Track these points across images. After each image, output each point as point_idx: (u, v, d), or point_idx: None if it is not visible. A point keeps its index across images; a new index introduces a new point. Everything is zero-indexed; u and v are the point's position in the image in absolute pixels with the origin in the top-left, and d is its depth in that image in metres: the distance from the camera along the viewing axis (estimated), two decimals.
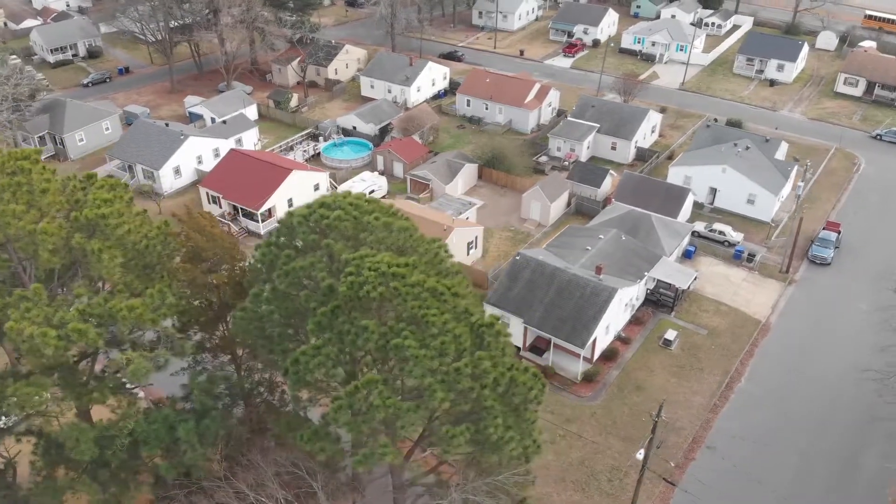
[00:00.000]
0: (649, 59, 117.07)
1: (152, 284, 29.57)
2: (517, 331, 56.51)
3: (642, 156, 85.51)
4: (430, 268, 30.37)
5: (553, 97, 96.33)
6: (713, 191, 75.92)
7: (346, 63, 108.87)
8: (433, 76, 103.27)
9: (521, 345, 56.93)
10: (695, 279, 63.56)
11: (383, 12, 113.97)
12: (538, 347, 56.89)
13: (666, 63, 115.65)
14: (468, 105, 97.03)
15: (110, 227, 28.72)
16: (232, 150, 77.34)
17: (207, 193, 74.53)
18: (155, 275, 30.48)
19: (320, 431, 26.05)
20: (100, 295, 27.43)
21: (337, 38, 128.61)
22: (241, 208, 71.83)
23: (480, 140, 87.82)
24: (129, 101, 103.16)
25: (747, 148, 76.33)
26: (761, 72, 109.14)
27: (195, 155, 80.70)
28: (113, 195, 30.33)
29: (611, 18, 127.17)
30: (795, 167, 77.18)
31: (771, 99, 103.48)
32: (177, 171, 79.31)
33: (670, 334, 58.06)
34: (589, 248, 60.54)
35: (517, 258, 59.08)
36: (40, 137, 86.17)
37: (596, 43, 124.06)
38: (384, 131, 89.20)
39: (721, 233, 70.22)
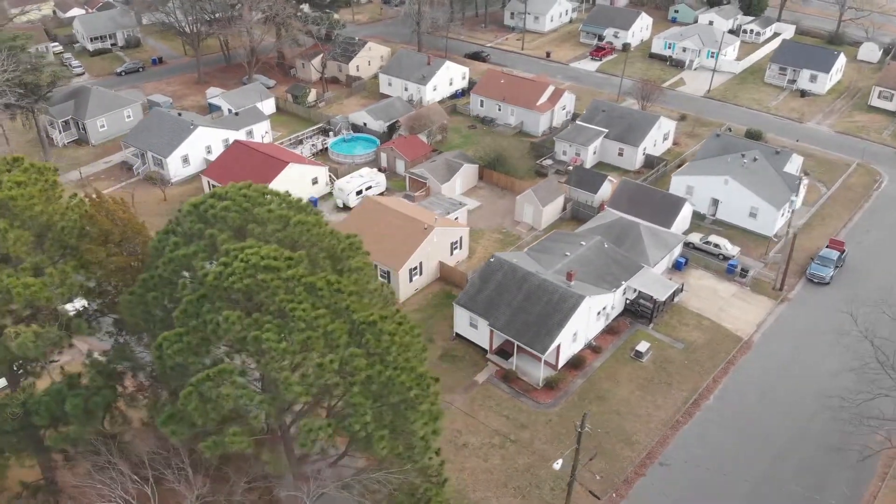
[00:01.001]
0: (679, 65, 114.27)
1: (65, 264, 30.62)
2: (483, 333, 56.15)
3: (651, 163, 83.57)
4: (334, 263, 30.49)
5: (568, 100, 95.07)
6: (715, 202, 73.65)
7: (368, 60, 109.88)
8: (451, 76, 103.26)
9: (487, 347, 56.60)
10: (676, 291, 61.85)
11: (408, 10, 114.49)
12: (506, 351, 56.31)
13: (695, 70, 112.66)
14: (482, 106, 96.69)
15: (19, 207, 29.81)
16: (235, 141, 79.21)
17: (209, 182, 76.47)
18: (69, 256, 31.54)
19: (175, 415, 26.55)
20: (3, 272, 28.57)
21: (369, 35, 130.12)
22: None
23: (488, 141, 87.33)
24: (157, 90, 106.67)
25: (755, 159, 73.71)
26: (793, 82, 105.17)
27: (204, 145, 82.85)
28: (28, 177, 31.42)
29: (643, 23, 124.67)
30: (805, 181, 74.09)
31: (799, 110, 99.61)
32: (185, 160, 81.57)
33: (642, 346, 56.63)
34: (568, 253, 59.60)
35: (491, 260, 58.61)
36: (64, 122, 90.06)
37: (626, 47, 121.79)
38: (392, 129, 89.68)
39: (716, 245, 68.05)
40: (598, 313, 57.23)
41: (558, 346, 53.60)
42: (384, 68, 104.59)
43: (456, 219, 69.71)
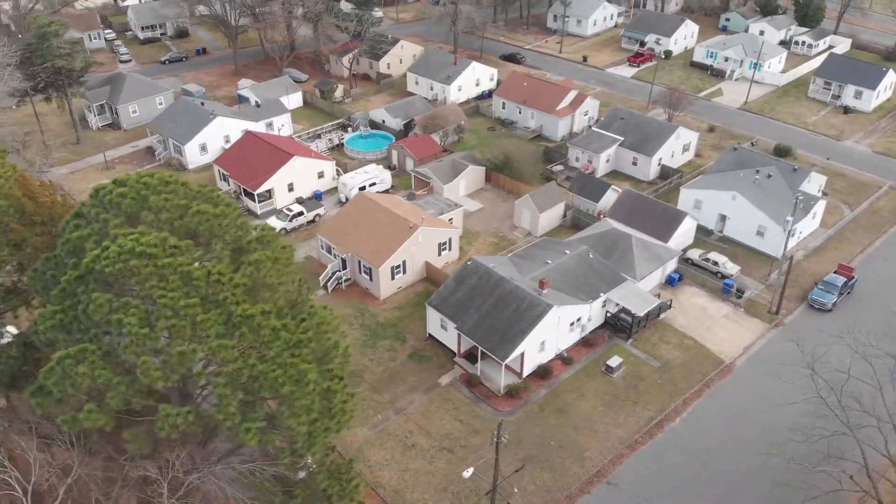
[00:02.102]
0: (719, 74, 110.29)
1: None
2: (452, 336, 55.73)
3: (666, 174, 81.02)
4: (235, 255, 30.88)
5: (591, 106, 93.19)
6: (723, 218, 70.80)
7: (399, 58, 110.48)
8: (477, 77, 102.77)
9: (455, 350, 56.15)
10: (663, 307, 59.87)
11: (442, 10, 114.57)
12: (474, 355, 55.67)
13: (736, 80, 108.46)
14: (503, 108, 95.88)
15: None
16: (247, 132, 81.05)
17: (219, 171, 78.58)
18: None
19: (43, 388, 27.42)
20: None
21: (409, 33, 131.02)
22: (244, 188, 75.13)
23: (504, 143, 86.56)
24: (195, 79, 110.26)
25: (769, 176, 70.52)
26: (837, 97, 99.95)
27: (223, 134, 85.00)
28: None
29: (688, 30, 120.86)
30: (822, 202, 70.30)
31: (839, 127, 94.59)
32: (203, 148, 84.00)
33: (614, 361, 55.00)
34: (549, 261, 58.50)
35: (468, 263, 58.11)
36: (99, 106, 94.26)
37: (668, 54, 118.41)
38: (409, 127, 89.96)
39: (715, 263, 65.42)
40: (572, 324, 55.92)
41: (522, 354, 52.68)
42: (412, 67, 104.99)
43: (450, 220, 69.34)
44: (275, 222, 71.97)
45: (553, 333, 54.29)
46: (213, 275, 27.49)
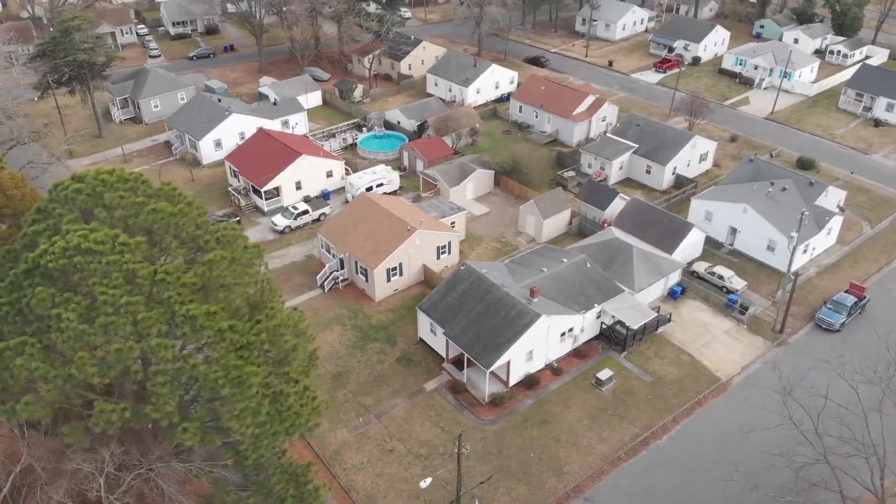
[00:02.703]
0: (748, 83, 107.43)
1: None
2: (441, 341, 55.14)
3: (681, 184, 79.07)
4: (189, 253, 30.89)
5: (609, 112, 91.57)
6: (733, 231, 68.74)
7: (421, 60, 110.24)
8: (497, 79, 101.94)
9: (444, 356, 55.55)
10: (661, 321, 58.34)
11: (466, 12, 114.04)
12: (462, 361, 54.96)
13: (764, 89, 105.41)
14: (520, 111, 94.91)
15: None
16: (260, 129, 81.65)
17: (230, 167, 79.33)
18: None
19: None
20: None
21: (435, 34, 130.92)
22: (252, 184, 75.69)
23: (516, 148, 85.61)
24: (220, 76, 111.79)
25: (783, 189, 68.20)
26: (868, 109, 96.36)
27: (238, 131, 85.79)
28: None
29: (718, 36, 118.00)
30: (838, 218, 67.67)
31: (868, 140, 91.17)
32: (217, 144, 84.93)
33: (604, 374, 53.74)
34: (545, 269, 57.48)
35: (461, 268, 57.51)
36: (122, 100, 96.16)
37: (696, 61, 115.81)
38: (422, 128, 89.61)
39: (720, 277, 63.50)
40: (563, 334, 54.82)
41: (509, 363, 51.82)
42: (432, 68, 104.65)
43: (452, 223, 68.75)
44: (280, 220, 72.40)
45: (542, 343, 53.29)
46: (158, 273, 27.47)
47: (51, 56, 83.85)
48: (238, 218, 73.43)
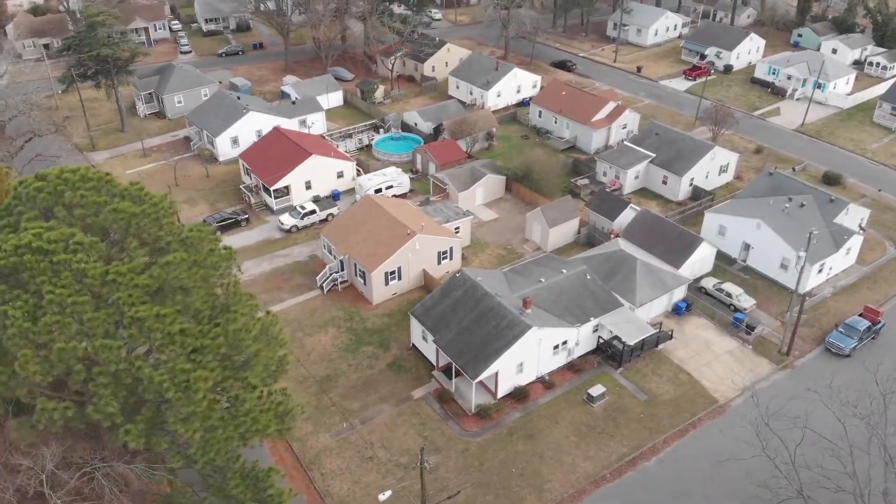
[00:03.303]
0: (780, 93, 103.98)
1: None
2: (432, 349, 54.40)
3: (698, 196, 76.80)
4: (152, 254, 30.76)
5: (630, 119, 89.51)
6: (747, 247, 66.40)
7: (445, 62, 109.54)
8: (519, 83, 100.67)
9: (435, 363, 54.79)
10: (662, 337, 56.62)
11: (492, 15, 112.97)
12: (452, 370, 54.14)
13: (797, 100, 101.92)
14: (539, 116, 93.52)
15: None
16: (274, 128, 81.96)
17: (243, 165, 79.83)
18: None
19: None
20: None
21: (464, 37, 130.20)
22: (262, 183, 76.01)
23: (530, 153, 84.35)
24: (247, 73, 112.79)
25: (801, 205, 65.65)
26: None
27: (255, 129, 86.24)
28: None
29: (753, 44, 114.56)
30: (857, 237, 64.78)
31: None
32: (234, 141, 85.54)
33: (596, 390, 52.27)
34: (543, 280, 56.27)
35: (456, 275, 56.65)
36: (147, 94, 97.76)
37: (728, 69, 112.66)
38: (438, 131, 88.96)
39: (728, 294, 61.34)
40: (556, 347, 53.53)
41: (497, 374, 50.81)
42: (453, 70, 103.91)
43: (456, 229, 67.95)
44: (287, 219, 72.54)
45: (533, 355, 52.10)
46: (109, 274, 27.38)
47: (76, 50, 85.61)
48: (247, 216, 73.89)
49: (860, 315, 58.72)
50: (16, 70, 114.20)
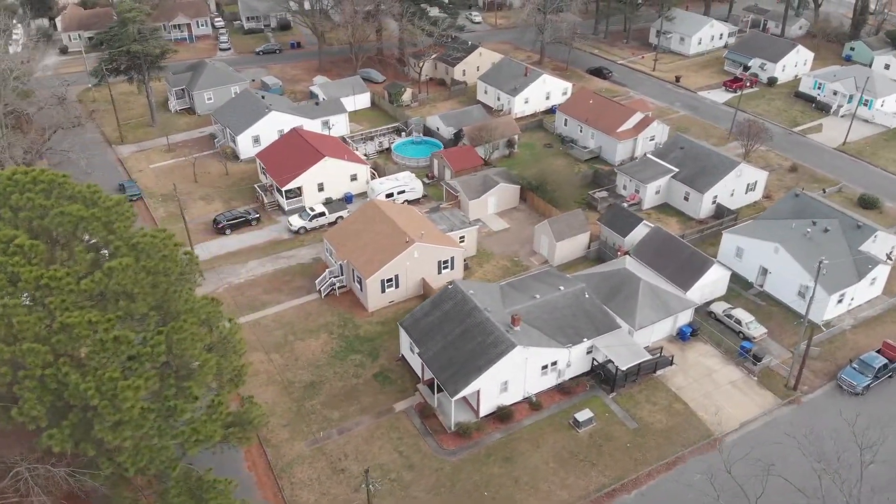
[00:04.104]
0: (824, 109, 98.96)
1: None
2: (418, 361, 53.23)
3: (721, 214, 73.47)
4: (98, 258, 30.60)
5: (658, 131, 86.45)
6: (764, 271, 63.07)
7: (477, 66, 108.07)
8: (548, 90, 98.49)
9: (420, 376, 53.65)
10: (660, 363, 54.12)
11: (527, 19, 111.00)
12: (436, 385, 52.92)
13: (841, 117, 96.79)
14: (565, 125, 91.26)
15: None
16: (293, 128, 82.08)
17: (259, 164, 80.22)
18: None
19: None
20: None
21: (501, 40, 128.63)
22: (275, 183, 76.20)
23: (547, 163, 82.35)
24: (281, 72, 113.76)
25: (825, 230, 61.98)
26: None
27: (277, 128, 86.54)
28: None
29: (800, 57, 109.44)
30: (884, 267, 60.67)
31: None
32: (256, 140, 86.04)
33: (583, 414, 50.20)
34: (538, 296, 54.46)
35: (448, 287, 55.37)
36: (179, 90, 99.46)
37: (772, 81, 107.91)
38: (458, 136, 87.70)
39: (737, 321, 58.28)
40: (545, 368, 51.68)
41: (478, 393, 49.34)
42: (482, 75, 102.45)
43: (461, 238, 66.62)
44: (296, 220, 72.49)
45: (519, 375, 50.40)
46: (44, 278, 27.25)
47: (108, 45, 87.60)
48: (258, 215, 74.16)
49: (878, 351, 54.93)
50: (60, 62, 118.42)
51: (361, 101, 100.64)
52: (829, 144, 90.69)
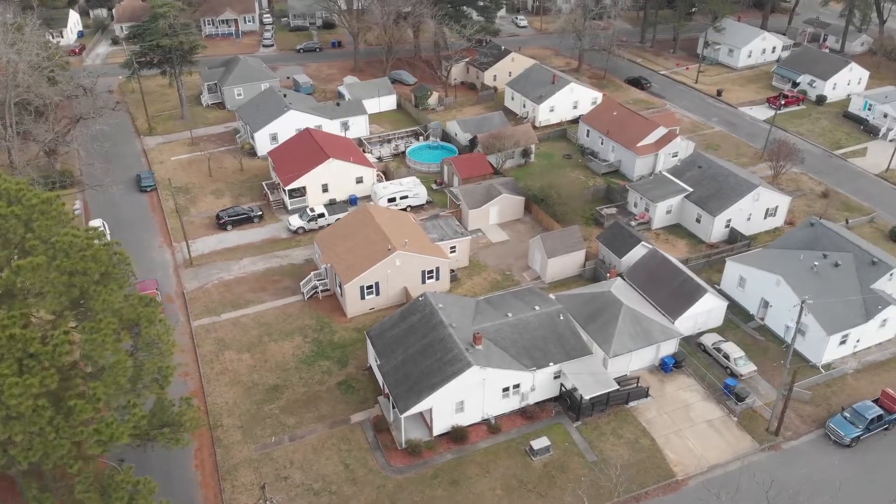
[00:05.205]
0: (873, 132, 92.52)
1: None
2: (379, 373, 52.31)
3: (734, 239, 69.52)
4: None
5: (682, 147, 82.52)
6: (766, 304, 59.19)
7: (508, 71, 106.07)
8: (575, 98, 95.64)
9: (382, 388, 52.69)
10: (633, 394, 51.42)
11: (564, 25, 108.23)
12: None
13: (890, 141, 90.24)
14: (587, 136, 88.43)
15: None
16: (306, 128, 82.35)
17: (270, 161, 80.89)
18: None
19: None
20: None
21: (542, 46, 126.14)
22: (279, 182, 76.66)
23: (557, 175, 79.89)
24: (318, 71, 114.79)
25: (836, 265, 57.62)
26: None
27: (295, 127, 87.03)
28: None
29: (853, 75, 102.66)
30: (893, 308, 55.81)
31: None
32: (273, 138, 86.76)
33: (539, 442, 48.14)
34: (510, 314, 52.61)
35: (419, 298, 54.15)
36: (211, 85, 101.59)
37: (821, 100, 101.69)
38: (474, 143, 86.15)
39: (726, 356, 54.80)
40: (506, 390, 49.83)
41: (430, 411, 47.99)
42: (510, 81, 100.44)
43: (452, 248, 65.26)
44: (295, 220, 72.70)
45: (477, 395, 48.75)
46: None
47: (140, 39, 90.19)
48: (261, 213, 74.75)
49: (875, 400, 50.55)
50: (110, 52, 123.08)
51: (387, 102, 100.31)
52: (871, 170, 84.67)
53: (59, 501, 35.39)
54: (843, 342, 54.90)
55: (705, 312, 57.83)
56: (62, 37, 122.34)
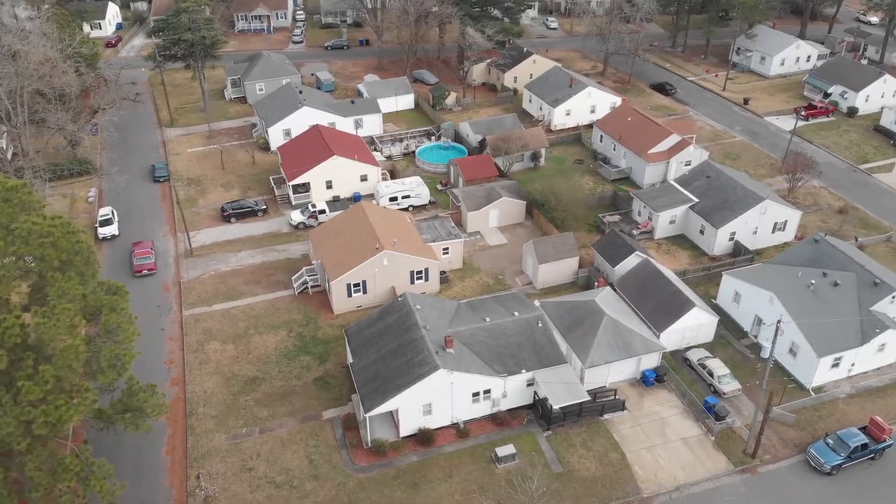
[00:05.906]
0: None
1: None
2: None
3: (738, 252, 67.50)
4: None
5: (695, 155, 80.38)
6: (759, 321, 57.31)
7: (530, 73, 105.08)
8: (593, 103, 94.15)
9: (354, 386, 52.81)
10: (607, 406, 50.42)
11: (589, 28, 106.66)
12: None
13: None
14: (601, 141, 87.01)
15: None
16: (315, 125, 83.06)
17: (279, 156, 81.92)
18: None
19: None
20: None
21: (568, 48, 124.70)
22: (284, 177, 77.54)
23: (561, 180, 78.73)
24: (342, 68, 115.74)
25: (835, 284, 55.42)
26: None
27: (308, 123, 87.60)
28: None
29: (888, 87, 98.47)
30: (894, 332, 53.32)
31: None
32: (286, 133, 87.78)
33: (504, 450, 47.57)
34: (488, 319, 52.19)
35: (399, 298, 54.13)
36: (234, 79, 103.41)
37: (852, 112, 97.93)
38: (483, 145, 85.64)
39: (710, 373, 53.25)
40: (476, 395, 49.40)
41: (397, 412, 47.94)
42: (529, 84, 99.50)
43: (445, 250, 65.04)
44: (296, 215, 73.48)
45: (445, 399, 48.46)
46: None
47: (164, 33, 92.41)
48: (265, 207, 75.79)
49: (862, 428, 48.40)
50: (144, 44, 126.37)
51: (404, 101, 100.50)
52: (895, 187, 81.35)
53: (11, 478, 36.50)
54: (835, 365, 52.75)
55: (694, 327, 56.30)
56: (100, 28, 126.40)
